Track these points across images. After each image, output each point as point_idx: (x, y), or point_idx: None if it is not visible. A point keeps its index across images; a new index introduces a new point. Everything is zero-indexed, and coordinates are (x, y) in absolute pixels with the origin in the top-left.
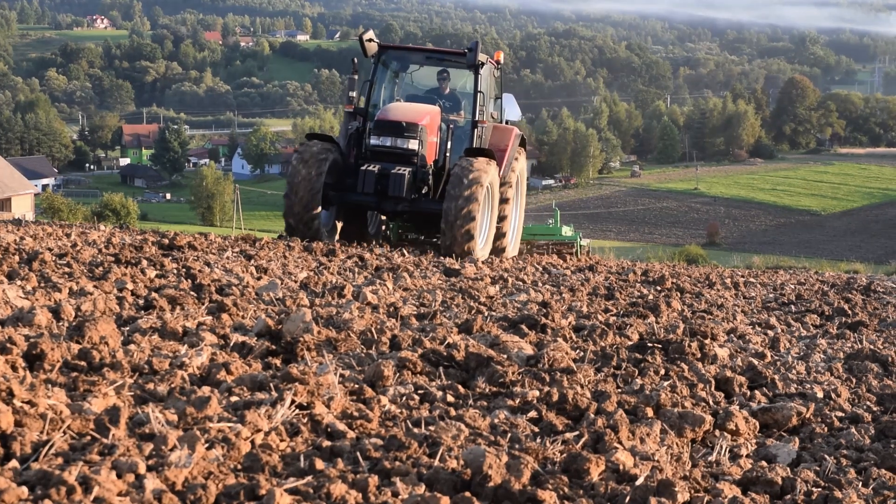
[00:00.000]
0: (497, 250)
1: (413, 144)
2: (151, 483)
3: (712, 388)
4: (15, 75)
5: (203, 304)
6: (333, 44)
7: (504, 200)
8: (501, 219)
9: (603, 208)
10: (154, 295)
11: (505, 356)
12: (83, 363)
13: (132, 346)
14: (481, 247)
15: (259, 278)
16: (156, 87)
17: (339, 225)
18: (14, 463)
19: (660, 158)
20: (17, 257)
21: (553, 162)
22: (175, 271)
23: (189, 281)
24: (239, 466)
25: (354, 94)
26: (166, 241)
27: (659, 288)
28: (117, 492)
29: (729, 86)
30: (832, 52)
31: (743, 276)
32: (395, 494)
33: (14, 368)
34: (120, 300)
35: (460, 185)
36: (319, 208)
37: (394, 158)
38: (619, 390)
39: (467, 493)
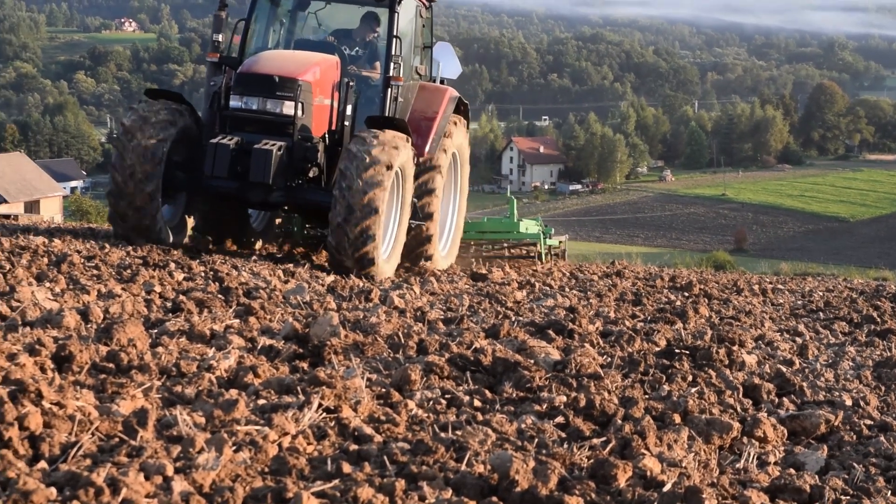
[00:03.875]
0: (419, 258)
1: (288, 108)
2: (179, 485)
3: (740, 395)
4: (44, 78)
5: (231, 307)
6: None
7: (428, 192)
8: (425, 217)
9: (630, 214)
10: (182, 298)
11: (532, 361)
12: (111, 365)
13: (160, 349)
14: (385, 257)
15: (286, 282)
16: (183, 89)
17: (191, 221)
18: (43, 464)
19: (687, 164)
20: (45, 259)
21: (580, 167)
22: (203, 274)
23: (217, 284)
24: (266, 469)
25: (221, 37)
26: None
27: (686, 294)
28: (145, 493)
29: (757, 91)
30: (861, 58)
31: (771, 283)
32: (422, 499)
33: (43, 370)
34: (148, 303)
35: (355, 167)
36: (159, 195)
37: (262, 127)
38: (647, 396)
39: (494, 498)
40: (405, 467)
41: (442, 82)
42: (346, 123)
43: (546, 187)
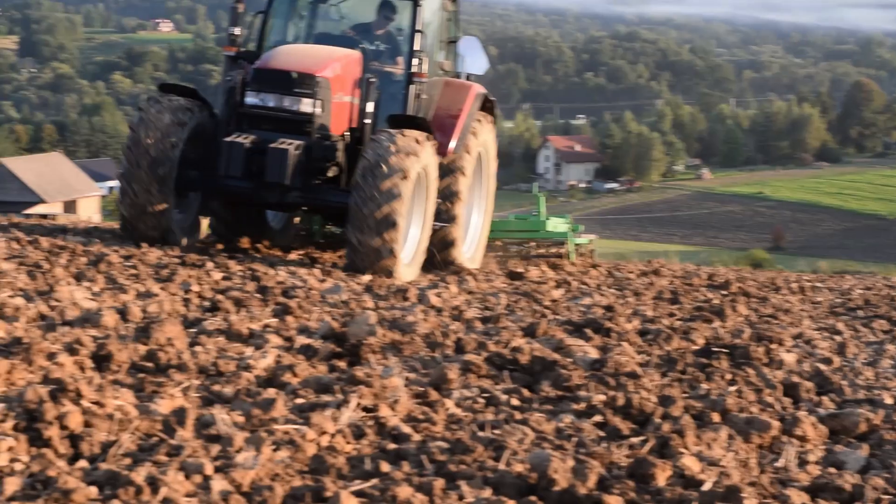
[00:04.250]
0: (442, 263)
1: (306, 105)
2: (218, 484)
3: (779, 394)
4: (81, 78)
5: (268, 306)
6: None
7: (451, 195)
8: (448, 220)
9: (667, 212)
10: (220, 297)
11: (570, 360)
12: (150, 364)
13: (198, 348)
14: (407, 262)
15: (323, 280)
16: (219, 89)
17: (205, 221)
18: (83, 463)
19: (724, 162)
20: (84, 259)
21: (616, 165)
22: (240, 273)
23: (254, 283)
24: (305, 468)
25: (238, 30)
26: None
27: (724, 292)
28: (185, 492)
29: (794, 89)
30: None
31: (809, 281)
32: (461, 498)
33: (82, 369)
34: (186, 302)
35: (375, 174)
36: (170, 197)
37: (279, 126)
38: (685, 395)
39: (533, 497)
40: (444, 466)
41: (468, 78)
42: (367, 121)
43: (582, 186)
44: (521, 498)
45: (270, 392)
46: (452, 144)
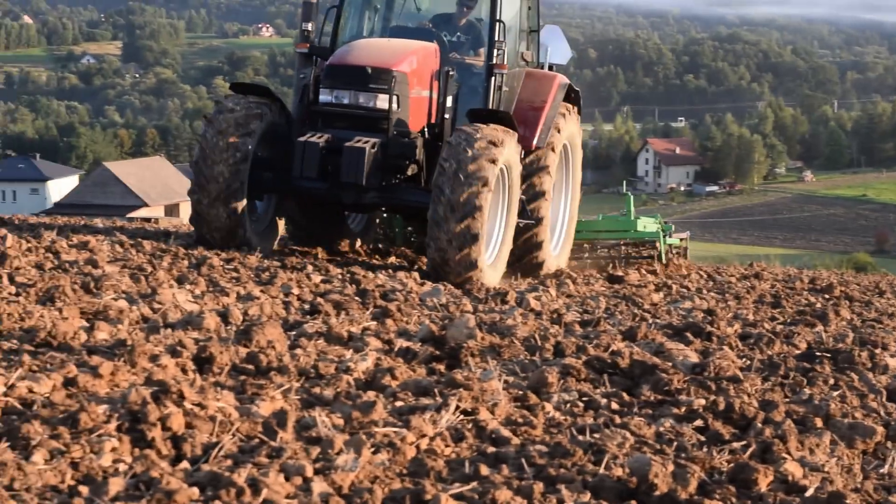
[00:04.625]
0: (529, 266)
1: (382, 101)
2: (318, 486)
3: (883, 399)
4: (183, 83)
5: (368, 309)
6: None
7: (537, 195)
8: (535, 221)
9: (768, 215)
10: (319, 300)
11: (670, 364)
12: (251, 367)
13: (298, 351)
14: (490, 262)
15: (422, 284)
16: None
17: (282, 224)
18: (185, 464)
19: (826, 164)
20: (185, 262)
21: (717, 168)
22: (340, 276)
23: (354, 286)
24: (404, 471)
25: (311, 26)
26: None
27: (827, 296)
28: (285, 494)
29: None
30: None
31: None
32: (560, 501)
33: (184, 371)
34: (286, 305)
35: (456, 161)
36: (244, 200)
37: (354, 123)
38: (787, 400)
39: (633, 502)
40: (543, 470)
41: (551, 68)
42: (447, 116)
43: (682, 188)
44: (620, 502)
45: (370, 395)
46: (536, 138)
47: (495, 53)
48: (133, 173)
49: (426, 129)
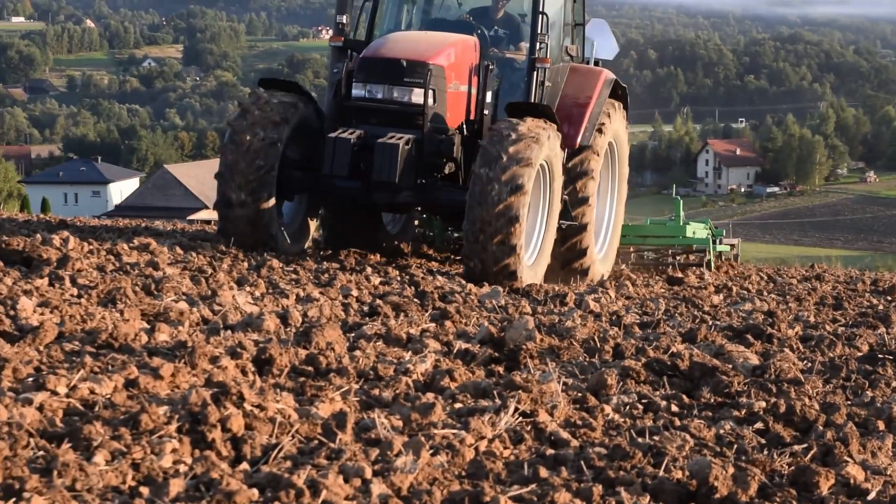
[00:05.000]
0: (574, 272)
1: (417, 96)
2: (377, 488)
3: None
4: (243, 86)
5: (426, 311)
6: None
7: (581, 200)
8: (579, 228)
9: (829, 216)
10: (378, 302)
11: (730, 366)
12: (310, 368)
13: (357, 352)
14: (531, 263)
15: (481, 285)
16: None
17: (314, 224)
18: (245, 465)
19: (889, 165)
20: (245, 264)
21: (777, 169)
22: (398, 278)
23: (412, 288)
24: (463, 473)
25: (345, 18)
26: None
27: (889, 298)
28: (344, 496)
29: None
30: None
31: None
32: None
33: (244, 373)
34: (345, 306)
35: (490, 168)
36: (273, 199)
37: (388, 119)
38: (849, 402)
39: None
40: (602, 472)
41: (597, 64)
42: (486, 112)
43: (742, 190)
44: None
45: (429, 396)
46: (581, 136)
47: (538, 47)
48: (193, 176)
49: (464, 126)
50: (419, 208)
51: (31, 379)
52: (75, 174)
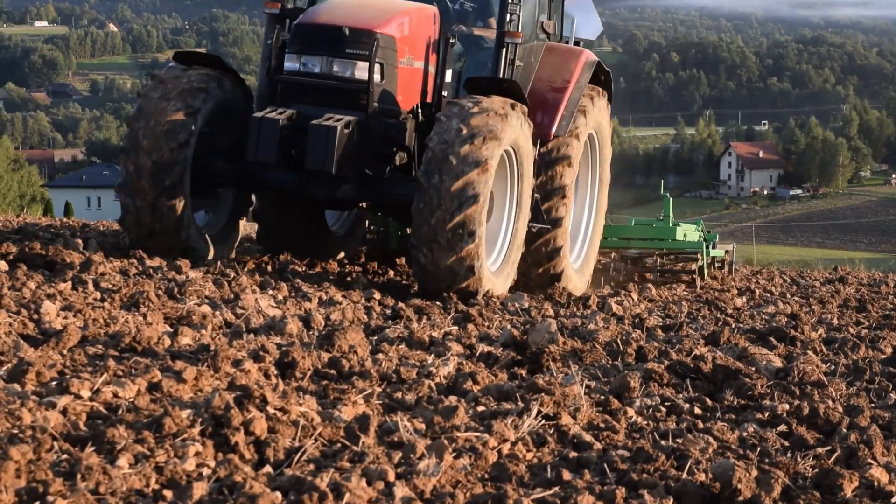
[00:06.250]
0: (546, 277)
1: (361, 70)
2: (400, 491)
3: None
4: None
5: (449, 314)
6: None
7: (555, 191)
8: (551, 223)
9: (853, 218)
10: (401, 305)
11: (753, 369)
12: (333, 371)
13: (380, 356)
14: (495, 269)
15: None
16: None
17: (243, 224)
18: (268, 468)
19: None
20: (269, 267)
21: (801, 171)
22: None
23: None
24: (486, 476)
25: None
26: None
27: None
28: (367, 499)
29: None
30: None
31: None
32: None
33: (267, 376)
34: (368, 310)
35: (441, 170)
36: (183, 196)
37: (327, 97)
38: (873, 405)
39: None
40: (625, 475)
41: (577, 44)
42: (445, 94)
43: (765, 192)
44: None
45: (451, 399)
46: (556, 125)
47: (508, 19)
48: None
49: (420, 109)
50: (363, 204)
51: (54, 382)
52: (98, 178)
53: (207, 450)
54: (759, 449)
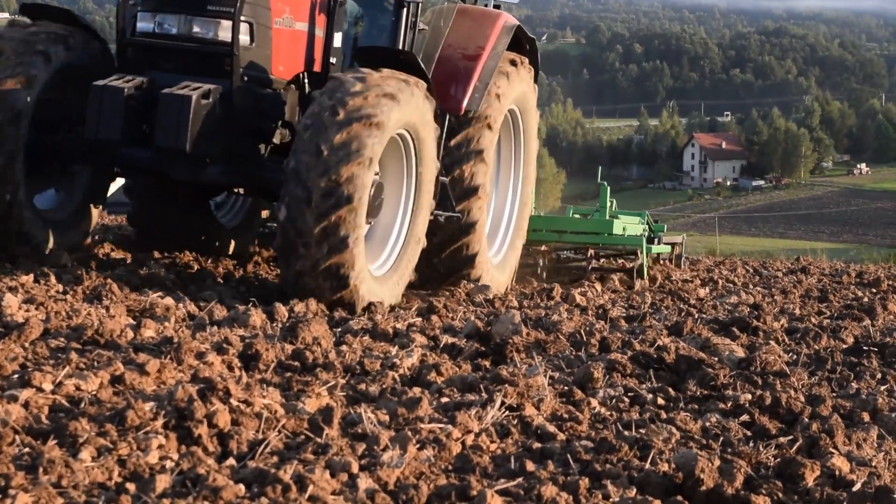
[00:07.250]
0: (459, 278)
1: (225, 31)
2: (364, 483)
3: None
4: None
5: (413, 305)
6: (541, 46)
7: (468, 192)
8: (466, 228)
9: (815, 209)
10: None
11: (716, 359)
12: (297, 363)
13: (344, 347)
14: (382, 273)
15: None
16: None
17: (96, 212)
18: (231, 461)
19: (874, 158)
20: (232, 260)
21: (763, 162)
22: None
23: None
24: (450, 467)
25: None
26: None
27: (874, 290)
28: (331, 491)
29: None
30: None
31: None
32: (606, 497)
33: (230, 368)
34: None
35: (310, 164)
36: (15, 175)
37: (185, 63)
38: (834, 394)
39: (679, 497)
40: (589, 465)
41: (497, 8)
42: (334, 61)
43: (728, 183)
44: (667, 498)
45: (415, 391)
46: (467, 99)
47: None
48: None
49: (304, 78)
50: (238, 190)
51: (16, 376)
52: None
53: (171, 442)
54: (721, 439)
